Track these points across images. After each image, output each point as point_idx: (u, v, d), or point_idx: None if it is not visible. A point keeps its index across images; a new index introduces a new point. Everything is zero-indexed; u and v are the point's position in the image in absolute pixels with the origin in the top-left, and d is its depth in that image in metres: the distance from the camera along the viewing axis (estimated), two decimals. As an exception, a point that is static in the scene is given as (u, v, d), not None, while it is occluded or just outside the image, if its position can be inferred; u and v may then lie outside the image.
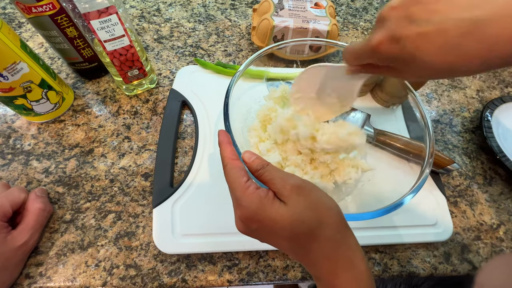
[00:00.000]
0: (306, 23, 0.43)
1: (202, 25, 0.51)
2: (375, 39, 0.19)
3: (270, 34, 0.44)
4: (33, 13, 0.31)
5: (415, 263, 0.33)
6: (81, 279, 0.29)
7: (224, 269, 0.31)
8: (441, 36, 0.17)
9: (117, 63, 0.35)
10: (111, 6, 0.30)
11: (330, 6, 0.47)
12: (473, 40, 0.16)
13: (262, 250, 0.32)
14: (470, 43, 0.16)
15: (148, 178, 0.35)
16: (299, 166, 0.30)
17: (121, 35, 0.32)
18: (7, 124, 0.38)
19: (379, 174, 0.35)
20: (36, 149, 0.36)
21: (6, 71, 0.30)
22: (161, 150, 0.36)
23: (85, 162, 0.36)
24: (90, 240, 0.31)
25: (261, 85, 0.40)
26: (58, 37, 0.35)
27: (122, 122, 0.39)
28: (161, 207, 0.32)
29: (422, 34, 0.17)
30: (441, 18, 0.16)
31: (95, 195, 0.34)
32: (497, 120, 0.42)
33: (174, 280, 0.30)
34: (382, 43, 0.19)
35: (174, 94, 0.41)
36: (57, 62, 0.44)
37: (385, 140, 0.37)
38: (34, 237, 0.29)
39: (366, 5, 0.59)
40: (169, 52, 0.47)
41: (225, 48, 0.49)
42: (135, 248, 0.31)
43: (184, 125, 0.40)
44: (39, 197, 0.31)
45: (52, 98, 0.36)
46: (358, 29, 0.55)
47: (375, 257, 0.33)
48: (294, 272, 0.31)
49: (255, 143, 0.32)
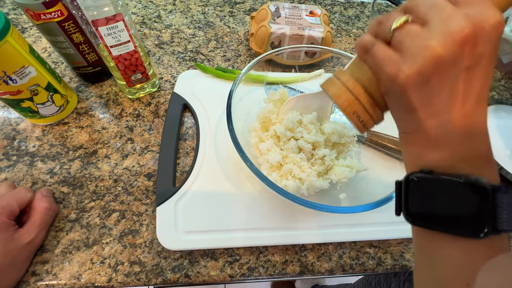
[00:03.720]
0: (302, 30, 0.45)
1: (201, 31, 0.53)
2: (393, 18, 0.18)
3: (267, 41, 0.46)
4: (41, 20, 0.33)
5: (407, 256, 0.34)
6: (87, 276, 0.30)
7: (225, 264, 0.32)
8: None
9: (121, 68, 0.36)
10: (118, 14, 0.31)
11: (324, 14, 0.49)
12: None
13: (262, 246, 0.33)
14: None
15: (151, 178, 0.36)
16: (297, 164, 0.32)
17: (127, 41, 0.34)
18: (12, 126, 0.39)
19: (372, 173, 0.37)
20: (40, 151, 0.37)
21: (15, 75, 0.31)
22: (164, 151, 0.37)
23: (89, 163, 0.37)
24: (95, 238, 0.32)
25: (260, 89, 0.42)
26: (65, 42, 0.36)
27: (125, 124, 0.41)
28: (164, 206, 0.33)
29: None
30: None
31: (100, 195, 0.35)
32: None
33: (177, 276, 0.31)
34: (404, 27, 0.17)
35: (176, 98, 0.42)
36: (60, 67, 0.45)
37: (377, 141, 0.39)
38: (40, 235, 0.30)
39: (358, 13, 0.62)
40: (170, 57, 0.49)
41: (224, 53, 0.50)
42: (139, 245, 0.32)
43: (186, 127, 0.41)
44: (45, 197, 0.32)
45: (57, 101, 0.37)
46: (351, 35, 0.57)
47: (369, 252, 0.34)
48: (293, 266, 0.33)
49: (255, 143, 0.34)
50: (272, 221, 0.33)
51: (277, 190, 0.27)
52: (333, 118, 0.40)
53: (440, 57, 0.16)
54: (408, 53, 0.17)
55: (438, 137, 0.18)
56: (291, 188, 0.30)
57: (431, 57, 0.16)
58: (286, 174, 0.32)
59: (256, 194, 0.35)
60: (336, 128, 0.33)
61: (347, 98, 0.22)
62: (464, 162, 0.17)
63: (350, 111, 0.22)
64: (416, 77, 0.17)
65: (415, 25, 0.17)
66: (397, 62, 0.18)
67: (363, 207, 0.27)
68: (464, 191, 0.17)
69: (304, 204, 0.27)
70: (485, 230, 0.16)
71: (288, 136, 0.33)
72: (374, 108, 0.21)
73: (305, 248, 0.34)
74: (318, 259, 0.33)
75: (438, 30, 0.16)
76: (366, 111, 0.22)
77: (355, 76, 0.22)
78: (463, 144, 0.17)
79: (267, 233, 0.33)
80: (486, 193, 0.16)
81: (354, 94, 0.21)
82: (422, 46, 0.16)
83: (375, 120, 0.22)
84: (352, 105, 0.22)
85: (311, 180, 0.31)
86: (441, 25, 0.16)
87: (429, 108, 0.18)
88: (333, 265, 0.33)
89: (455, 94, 0.17)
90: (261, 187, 0.35)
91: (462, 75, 0.16)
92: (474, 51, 0.16)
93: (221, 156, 0.37)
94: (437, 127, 0.18)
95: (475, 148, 0.17)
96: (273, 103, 0.36)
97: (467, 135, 0.17)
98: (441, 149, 0.18)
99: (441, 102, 0.17)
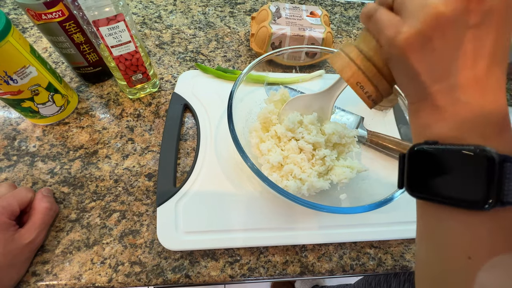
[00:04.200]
0: (302, 31, 0.45)
1: (202, 32, 0.53)
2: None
3: (268, 41, 0.46)
4: (42, 20, 0.33)
5: (408, 257, 0.34)
6: (87, 276, 0.30)
7: (226, 265, 0.32)
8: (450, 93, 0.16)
9: (122, 68, 0.36)
10: (119, 14, 0.31)
11: (324, 15, 0.49)
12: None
13: (262, 246, 0.33)
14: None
15: (151, 178, 0.36)
16: (298, 164, 0.32)
17: (128, 41, 0.34)
18: (12, 126, 0.39)
19: (372, 173, 0.37)
20: (41, 151, 0.37)
21: (16, 75, 0.31)
22: (164, 151, 0.37)
23: (90, 163, 0.37)
24: (96, 238, 0.32)
25: (261, 89, 0.42)
26: (65, 42, 0.36)
27: (125, 124, 0.41)
28: (165, 206, 0.33)
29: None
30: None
31: (100, 195, 0.35)
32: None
33: (178, 276, 0.31)
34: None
35: (176, 98, 0.42)
36: (61, 67, 0.45)
37: (377, 141, 0.39)
38: (41, 236, 0.30)
39: (358, 13, 0.62)
40: (170, 57, 0.49)
41: (225, 53, 0.51)
42: (139, 245, 0.32)
43: (186, 127, 0.41)
44: (46, 197, 0.32)
45: (57, 101, 0.37)
46: (351, 36, 0.57)
47: (370, 252, 0.34)
48: (293, 267, 0.33)
49: (256, 143, 0.34)
50: (273, 221, 0.33)
51: (277, 190, 0.27)
52: (333, 119, 0.40)
53: (441, 14, 0.15)
54: (408, 13, 0.17)
55: (446, 103, 0.17)
56: (292, 188, 0.30)
57: (431, 14, 0.15)
58: (287, 175, 0.32)
59: (257, 194, 0.35)
60: (337, 128, 0.33)
61: (350, 69, 0.22)
62: (473, 131, 0.16)
63: (353, 82, 0.22)
64: (416, 38, 0.16)
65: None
66: (397, 24, 0.17)
67: (363, 208, 0.27)
68: (468, 162, 0.16)
69: (304, 204, 0.27)
70: (489, 201, 0.15)
71: (289, 137, 0.33)
72: (379, 78, 0.21)
73: (305, 248, 0.34)
74: (318, 260, 0.33)
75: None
76: (370, 81, 0.21)
77: (360, 47, 0.21)
78: (472, 111, 0.16)
79: (267, 233, 0.33)
80: (492, 163, 0.15)
81: (357, 64, 0.21)
82: (421, 4, 0.16)
83: (381, 91, 0.21)
84: (356, 75, 0.21)
85: (312, 181, 0.31)
86: None
87: (433, 71, 0.17)
88: (334, 265, 0.33)
89: (462, 55, 0.16)
90: (261, 188, 0.35)
91: (469, 33, 0.15)
92: (480, 7, 0.15)
93: (221, 157, 0.37)
94: (444, 92, 0.17)
95: (487, 116, 0.16)
96: (274, 103, 0.36)
97: (478, 101, 0.16)
98: (449, 117, 0.17)
99: (446, 64, 0.16)
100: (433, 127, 0.18)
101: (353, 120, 0.42)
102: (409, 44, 0.16)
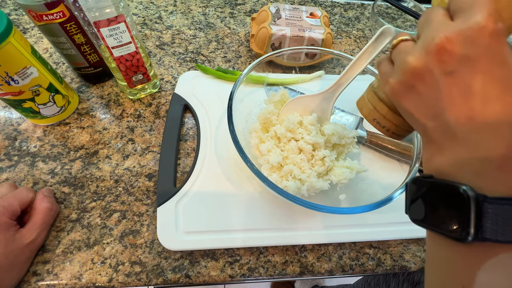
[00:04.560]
0: (302, 32, 0.46)
1: (202, 33, 0.53)
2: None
3: (268, 42, 0.46)
4: (43, 21, 0.33)
5: (407, 257, 0.35)
6: (88, 276, 0.30)
7: (226, 265, 0.32)
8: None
9: (123, 68, 0.37)
10: (120, 15, 0.31)
11: (324, 16, 0.49)
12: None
13: (262, 246, 0.33)
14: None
15: (151, 179, 0.37)
16: (297, 165, 0.32)
17: (128, 42, 0.34)
18: (13, 126, 0.39)
19: (372, 173, 0.37)
20: (42, 151, 0.37)
21: (17, 75, 0.31)
22: (165, 151, 0.37)
23: (90, 163, 0.37)
24: (96, 238, 0.32)
25: (261, 90, 0.42)
26: (66, 43, 0.36)
27: (126, 125, 0.41)
28: (165, 206, 0.33)
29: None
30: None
31: (100, 195, 0.35)
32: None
33: (178, 276, 0.31)
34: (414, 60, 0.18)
35: (177, 98, 0.42)
36: (61, 67, 0.46)
37: (377, 142, 0.39)
38: (42, 235, 0.30)
39: (358, 15, 0.62)
40: (170, 58, 0.49)
41: (225, 54, 0.51)
42: (139, 245, 0.32)
43: (186, 127, 0.41)
44: (46, 197, 0.32)
45: (58, 101, 0.37)
46: (351, 37, 0.58)
47: (369, 252, 0.35)
48: (293, 267, 0.33)
49: (256, 144, 0.34)
50: (272, 221, 0.33)
51: (277, 190, 0.27)
52: (333, 119, 0.40)
53: (415, 69, 0.18)
54: (395, 67, 0.20)
55: (441, 138, 0.18)
56: (292, 188, 0.30)
57: (407, 69, 0.19)
58: (287, 175, 0.32)
59: (257, 194, 0.35)
60: (336, 129, 0.33)
61: (367, 108, 0.26)
62: (466, 167, 0.17)
63: (370, 118, 0.26)
64: (399, 87, 0.20)
65: (408, 42, 0.20)
66: (388, 75, 0.21)
67: (362, 208, 0.27)
68: (450, 198, 0.17)
69: (304, 204, 0.27)
70: (469, 237, 0.16)
71: (289, 137, 0.33)
72: (393, 115, 0.24)
73: (305, 248, 0.34)
74: (318, 260, 0.33)
75: (419, 45, 0.18)
76: (384, 117, 0.25)
77: (375, 90, 0.26)
78: (467, 147, 0.17)
79: (267, 233, 0.33)
80: (468, 202, 0.16)
81: (372, 104, 0.26)
82: (402, 61, 0.19)
83: (399, 125, 0.25)
84: (372, 113, 0.26)
85: (311, 181, 0.31)
86: (423, 39, 0.18)
87: (424, 111, 0.19)
88: (333, 265, 0.33)
89: (447, 95, 0.17)
90: (261, 188, 0.35)
91: (448, 78, 0.17)
92: (452, 57, 0.17)
93: (221, 157, 0.37)
94: (438, 128, 0.18)
95: (483, 152, 0.16)
96: (274, 104, 0.36)
97: (473, 137, 0.17)
98: (445, 153, 0.18)
99: (433, 104, 0.18)
100: (433, 161, 0.19)
101: (352, 120, 0.42)
102: (395, 91, 0.20)
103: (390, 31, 0.25)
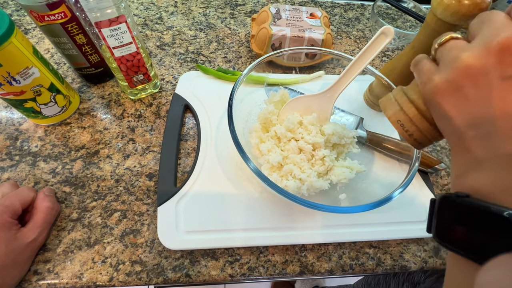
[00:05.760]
0: (302, 32, 0.46)
1: (203, 33, 0.53)
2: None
3: (268, 42, 0.46)
4: (45, 21, 0.33)
5: (407, 257, 0.35)
6: (88, 275, 0.30)
7: (226, 264, 0.32)
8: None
9: (123, 69, 0.37)
10: (121, 16, 0.32)
11: (324, 16, 0.50)
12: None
13: (262, 246, 0.33)
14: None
15: (152, 178, 0.37)
16: (297, 164, 0.32)
17: (129, 42, 0.34)
18: (15, 126, 0.39)
19: (372, 173, 0.37)
20: (43, 151, 0.37)
21: (19, 75, 0.31)
22: (165, 151, 0.37)
23: (91, 163, 0.37)
24: (97, 237, 0.32)
25: (261, 90, 0.42)
26: (68, 43, 0.37)
27: (126, 125, 0.41)
28: (165, 206, 0.33)
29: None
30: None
31: (101, 195, 0.35)
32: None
33: (178, 275, 0.31)
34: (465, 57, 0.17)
35: (177, 98, 0.42)
36: (63, 68, 0.46)
37: (377, 142, 0.39)
38: (43, 235, 0.30)
39: (358, 15, 0.62)
40: (171, 58, 0.49)
41: (225, 55, 0.51)
42: (140, 245, 0.32)
43: (187, 127, 0.41)
44: (48, 196, 0.32)
45: (59, 101, 0.38)
46: (351, 37, 0.58)
47: (369, 252, 0.35)
48: (293, 266, 0.33)
49: (256, 144, 0.34)
50: (273, 221, 0.33)
51: (277, 190, 0.27)
52: (333, 119, 0.40)
53: (469, 67, 0.16)
54: (442, 64, 0.18)
55: (482, 152, 0.16)
56: (292, 188, 0.31)
57: (460, 67, 0.17)
58: (287, 175, 0.32)
59: (257, 194, 0.35)
60: (336, 129, 0.33)
61: (392, 108, 0.24)
62: (509, 190, 0.15)
63: (394, 119, 0.23)
64: (445, 85, 0.18)
65: (460, 41, 0.18)
66: (432, 71, 0.19)
67: (362, 207, 0.27)
68: (496, 223, 0.15)
69: (304, 204, 0.27)
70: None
71: (289, 137, 0.33)
72: (420, 120, 0.22)
73: (305, 248, 0.34)
74: (318, 259, 0.34)
75: (477, 42, 0.17)
76: (411, 121, 0.22)
77: (405, 90, 0.23)
78: (510, 166, 0.15)
79: (267, 233, 0.33)
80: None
81: (400, 104, 0.23)
82: (454, 57, 0.17)
83: (424, 132, 0.22)
84: (397, 113, 0.23)
85: (311, 181, 0.31)
86: (483, 38, 0.16)
87: (467, 117, 0.17)
88: (333, 265, 0.33)
89: (499, 103, 0.15)
90: (261, 188, 0.36)
91: (503, 84, 0.15)
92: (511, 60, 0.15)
93: (222, 157, 0.38)
94: (479, 139, 0.16)
95: None
96: (274, 104, 0.36)
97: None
98: (485, 169, 0.16)
99: (480, 111, 0.16)
100: (468, 177, 0.17)
101: (352, 120, 0.42)
102: (439, 89, 0.18)
103: (390, 31, 0.26)
